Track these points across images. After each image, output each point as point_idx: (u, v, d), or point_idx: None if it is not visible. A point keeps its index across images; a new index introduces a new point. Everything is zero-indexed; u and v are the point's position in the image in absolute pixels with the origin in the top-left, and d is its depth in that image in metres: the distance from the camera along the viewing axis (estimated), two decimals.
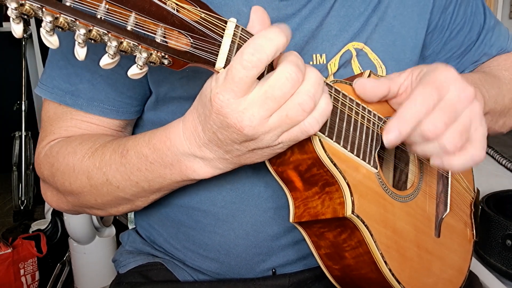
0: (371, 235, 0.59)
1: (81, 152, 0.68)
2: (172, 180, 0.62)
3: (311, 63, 0.71)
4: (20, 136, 2.84)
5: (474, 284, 0.85)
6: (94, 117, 0.72)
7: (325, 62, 0.73)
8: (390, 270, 0.61)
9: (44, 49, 3.03)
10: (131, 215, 0.95)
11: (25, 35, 2.95)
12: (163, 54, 0.46)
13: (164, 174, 0.61)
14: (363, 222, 0.59)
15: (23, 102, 2.87)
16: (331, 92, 0.58)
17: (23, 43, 2.99)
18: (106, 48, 0.44)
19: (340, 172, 0.58)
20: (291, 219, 0.64)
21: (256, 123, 0.49)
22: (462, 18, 0.82)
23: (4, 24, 3.27)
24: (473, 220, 0.83)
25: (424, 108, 0.56)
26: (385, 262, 0.61)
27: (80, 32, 0.42)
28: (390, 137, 0.57)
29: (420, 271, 0.67)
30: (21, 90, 2.90)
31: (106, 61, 0.46)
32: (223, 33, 0.49)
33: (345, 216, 0.58)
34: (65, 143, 0.71)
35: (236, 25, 0.49)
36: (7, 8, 0.39)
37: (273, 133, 0.50)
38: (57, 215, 2.18)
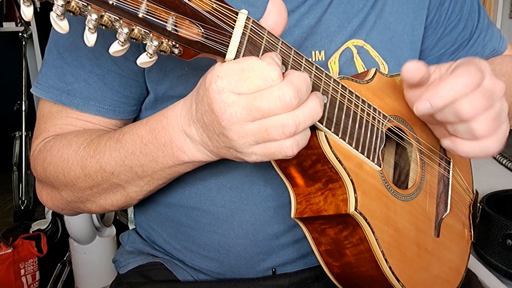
0: (373, 232, 0.59)
1: (76, 143, 0.67)
2: (164, 164, 0.61)
3: (310, 59, 0.72)
4: (21, 136, 2.83)
5: (473, 282, 0.85)
6: (90, 116, 0.72)
7: (324, 59, 0.73)
8: (390, 268, 0.61)
9: (44, 49, 3.02)
10: (131, 215, 0.95)
11: (25, 35, 2.96)
12: (174, 43, 0.46)
13: (157, 157, 0.61)
14: (366, 220, 0.59)
15: (23, 102, 2.86)
16: (338, 88, 0.58)
17: (23, 43, 2.98)
18: (117, 35, 0.44)
19: (345, 169, 0.58)
20: (292, 215, 0.63)
21: (234, 121, 0.48)
22: (457, 15, 0.82)
23: (4, 24, 3.26)
24: (471, 221, 0.83)
25: (465, 89, 0.55)
26: (386, 260, 0.61)
27: (92, 17, 0.41)
28: (420, 107, 0.55)
29: (419, 270, 0.67)
30: (21, 90, 2.89)
31: (116, 48, 0.45)
32: (234, 24, 0.49)
33: (347, 213, 0.58)
34: (60, 137, 0.70)
35: (247, 17, 0.49)
36: None
37: (249, 139, 0.49)
38: (58, 215, 2.17)
